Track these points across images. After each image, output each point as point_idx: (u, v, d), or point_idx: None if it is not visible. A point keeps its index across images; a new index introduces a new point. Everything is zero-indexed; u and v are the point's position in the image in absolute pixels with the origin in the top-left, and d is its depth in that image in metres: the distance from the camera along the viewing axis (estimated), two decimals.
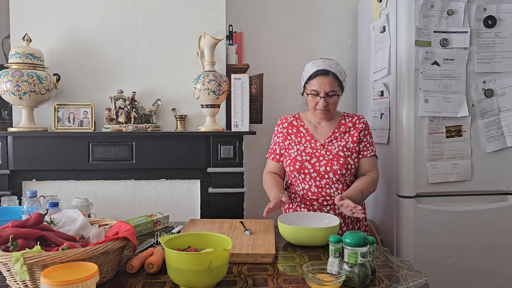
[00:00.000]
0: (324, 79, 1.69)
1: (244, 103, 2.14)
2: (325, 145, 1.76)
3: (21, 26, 2.17)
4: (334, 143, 1.76)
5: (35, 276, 1.01)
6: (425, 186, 2.10)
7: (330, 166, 1.71)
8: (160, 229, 1.70)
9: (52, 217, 1.28)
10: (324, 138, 1.78)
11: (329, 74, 1.70)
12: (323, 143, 1.76)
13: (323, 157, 1.73)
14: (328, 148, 1.75)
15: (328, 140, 1.77)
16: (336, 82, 1.71)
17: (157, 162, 2.13)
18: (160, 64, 2.27)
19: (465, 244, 2.13)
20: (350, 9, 2.78)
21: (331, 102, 1.72)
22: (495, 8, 2.11)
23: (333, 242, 1.16)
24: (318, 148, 1.75)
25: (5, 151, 2.06)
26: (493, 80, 2.13)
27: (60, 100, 2.21)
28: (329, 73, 1.70)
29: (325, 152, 1.74)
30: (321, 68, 1.71)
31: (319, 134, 1.80)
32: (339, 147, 1.75)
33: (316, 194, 1.73)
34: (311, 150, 1.76)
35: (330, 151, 1.74)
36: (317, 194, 1.73)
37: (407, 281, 1.14)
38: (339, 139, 1.76)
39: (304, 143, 1.78)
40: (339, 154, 1.73)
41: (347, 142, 1.76)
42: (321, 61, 1.74)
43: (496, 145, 2.14)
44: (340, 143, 1.76)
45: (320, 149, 1.75)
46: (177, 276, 1.07)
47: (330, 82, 1.69)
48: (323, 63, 1.73)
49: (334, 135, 1.78)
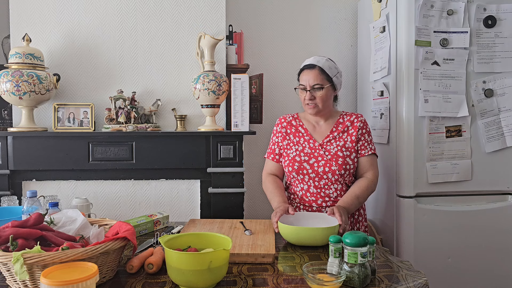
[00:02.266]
0: (309, 72, 1.73)
1: (244, 103, 2.14)
2: (323, 144, 1.76)
3: (21, 26, 2.17)
4: (332, 143, 1.76)
5: (35, 276, 1.01)
6: (425, 186, 2.10)
7: (329, 167, 1.70)
8: (160, 229, 1.70)
9: (52, 217, 1.28)
10: (323, 137, 1.77)
11: (315, 68, 1.72)
12: (322, 143, 1.76)
13: (321, 157, 1.73)
14: (326, 148, 1.75)
15: (326, 140, 1.76)
16: (322, 76, 1.72)
17: (157, 162, 2.13)
18: (160, 64, 2.27)
19: (465, 244, 2.13)
20: (350, 9, 2.78)
21: (318, 96, 1.72)
22: (495, 8, 2.11)
23: (333, 242, 1.16)
24: (317, 148, 1.75)
25: (5, 151, 2.06)
26: (493, 80, 2.13)
27: (60, 100, 2.21)
28: (314, 66, 1.73)
29: (324, 152, 1.74)
30: (308, 63, 1.76)
31: (317, 134, 1.79)
32: (337, 146, 1.74)
33: (315, 195, 1.73)
34: (310, 150, 1.75)
35: (328, 151, 1.74)
36: (316, 194, 1.73)
37: (407, 281, 1.14)
38: (337, 139, 1.76)
39: (303, 143, 1.77)
40: (337, 154, 1.72)
41: (346, 142, 1.75)
42: (313, 57, 1.78)
43: (496, 145, 2.14)
44: (338, 142, 1.75)
45: (319, 149, 1.74)
46: (177, 276, 1.07)
47: (314, 75, 1.71)
48: (313, 59, 1.77)
49: (332, 134, 1.77)
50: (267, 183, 1.80)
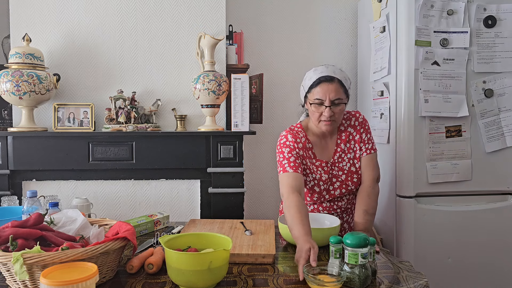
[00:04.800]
0: (328, 85, 1.52)
1: (244, 103, 2.14)
2: (335, 163, 1.64)
3: (21, 26, 2.17)
4: (344, 158, 1.65)
5: (35, 276, 1.01)
6: (425, 186, 2.10)
7: (345, 188, 1.64)
8: (160, 229, 1.70)
9: (52, 217, 1.28)
10: (331, 153, 1.65)
11: (334, 81, 1.53)
12: (333, 161, 1.64)
13: (336, 178, 1.64)
14: (339, 166, 1.64)
15: (337, 156, 1.65)
16: (341, 89, 1.54)
17: (157, 162, 2.13)
18: (160, 64, 2.27)
19: (465, 244, 2.13)
20: (350, 9, 2.78)
21: (337, 112, 1.54)
22: (495, 8, 2.11)
23: (333, 243, 1.16)
24: (330, 169, 1.63)
25: (5, 151, 2.06)
26: (493, 80, 2.13)
27: (60, 100, 2.21)
28: (333, 79, 1.53)
29: (337, 171, 1.64)
30: (325, 74, 1.54)
31: (325, 151, 1.66)
32: (349, 161, 1.64)
33: (328, 208, 1.69)
34: (326, 175, 1.62)
35: (342, 169, 1.64)
36: (329, 208, 1.69)
37: (407, 282, 1.14)
38: (346, 151, 1.65)
39: (317, 170, 1.62)
40: (351, 170, 1.64)
41: (355, 152, 1.65)
42: (324, 67, 1.57)
43: (496, 145, 2.14)
44: (349, 155, 1.65)
45: (332, 169, 1.63)
46: (177, 276, 1.07)
47: (335, 89, 1.52)
48: (326, 69, 1.56)
49: (339, 147, 1.65)
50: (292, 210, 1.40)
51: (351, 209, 1.73)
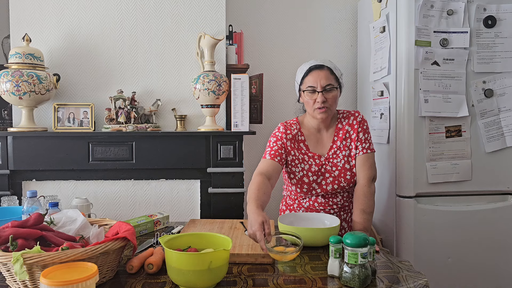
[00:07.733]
0: (319, 73, 1.62)
1: (244, 103, 2.14)
2: (329, 158, 1.68)
3: (21, 26, 2.17)
4: (338, 154, 1.68)
5: (35, 276, 1.01)
6: (425, 186, 2.10)
7: (338, 184, 1.66)
8: (160, 229, 1.70)
9: (52, 217, 1.28)
10: (327, 149, 1.70)
11: (324, 68, 1.64)
12: (327, 156, 1.69)
13: (329, 173, 1.67)
14: (333, 162, 1.68)
15: (331, 152, 1.69)
16: (332, 76, 1.63)
17: (157, 162, 2.13)
18: (160, 64, 2.27)
19: (465, 244, 2.13)
20: (350, 9, 2.78)
21: (330, 98, 1.61)
22: (495, 8, 2.11)
23: (333, 243, 1.17)
24: (323, 163, 1.67)
25: (5, 151, 2.06)
26: (493, 80, 2.13)
27: (60, 100, 2.21)
28: (323, 67, 1.64)
29: (331, 167, 1.67)
30: (315, 63, 1.66)
31: (320, 146, 1.71)
32: (344, 158, 1.67)
33: (323, 204, 1.70)
34: (316, 167, 1.67)
35: (335, 165, 1.67)
36: (324, 204, 1.70)
37: (407, 282, 1.14)
38: (342, 148, 1.69)
39: (308, 161, 1.68)
40: (345, 167, 1.66)
41: (351, 150, 1.68)
42: (313, 60, 1.70)
43: (496, 145, 2.14)
44: (344, 152, 1.68)
45: (325, 164, 1.67)
46: (177, 276, 1.07)
47: (326, 75, 1.62)
48: (316, 60, 1.68)
49: (335, 144, 1.69)
50: (252, 187, 1.51)
51: (349, 208, 1.74)
